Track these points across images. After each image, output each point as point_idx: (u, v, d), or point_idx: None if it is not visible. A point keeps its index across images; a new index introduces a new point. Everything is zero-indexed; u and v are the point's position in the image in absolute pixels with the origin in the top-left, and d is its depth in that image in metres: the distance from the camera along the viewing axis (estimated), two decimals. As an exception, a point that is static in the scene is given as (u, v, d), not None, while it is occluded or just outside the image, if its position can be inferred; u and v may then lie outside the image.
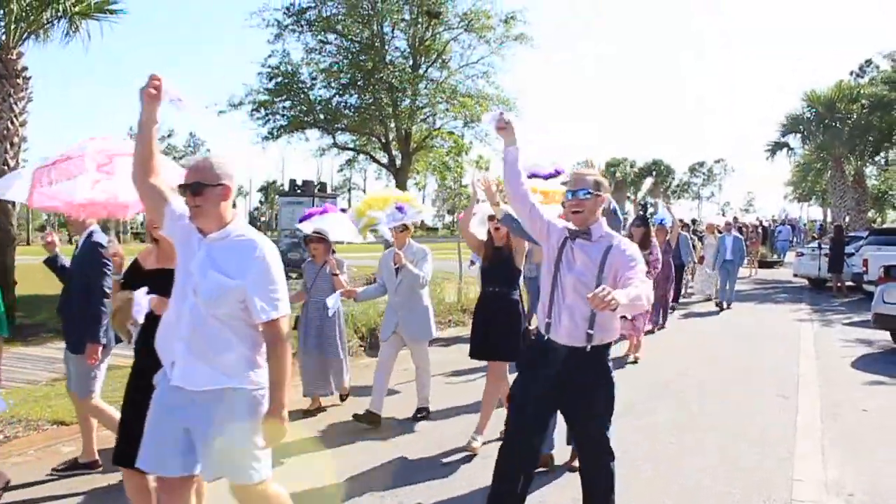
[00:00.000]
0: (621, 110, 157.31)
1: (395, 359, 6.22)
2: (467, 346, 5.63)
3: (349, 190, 74.96)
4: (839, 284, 17.63)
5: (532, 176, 5.52)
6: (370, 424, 5.89)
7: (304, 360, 6.40)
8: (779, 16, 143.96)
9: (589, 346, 3.35)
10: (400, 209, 5.98)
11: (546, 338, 3.45)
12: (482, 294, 5.58)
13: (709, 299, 15.72)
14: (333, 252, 6.43)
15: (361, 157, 23.39)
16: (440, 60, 19.74)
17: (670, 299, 12.05)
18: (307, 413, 6.40)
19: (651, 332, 10.89)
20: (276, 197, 26.35)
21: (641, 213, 8.62)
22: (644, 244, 8.22)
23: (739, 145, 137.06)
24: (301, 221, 6.40)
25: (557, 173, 5.58)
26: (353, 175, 68.60)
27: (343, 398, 6.80)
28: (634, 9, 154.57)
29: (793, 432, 5.95)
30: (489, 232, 5.41)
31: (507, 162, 3.51)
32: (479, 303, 5.62)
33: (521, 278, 5.61)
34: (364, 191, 71.14)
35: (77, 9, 11.98)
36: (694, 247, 14.91)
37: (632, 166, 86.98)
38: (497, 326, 5.32)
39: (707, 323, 12.83)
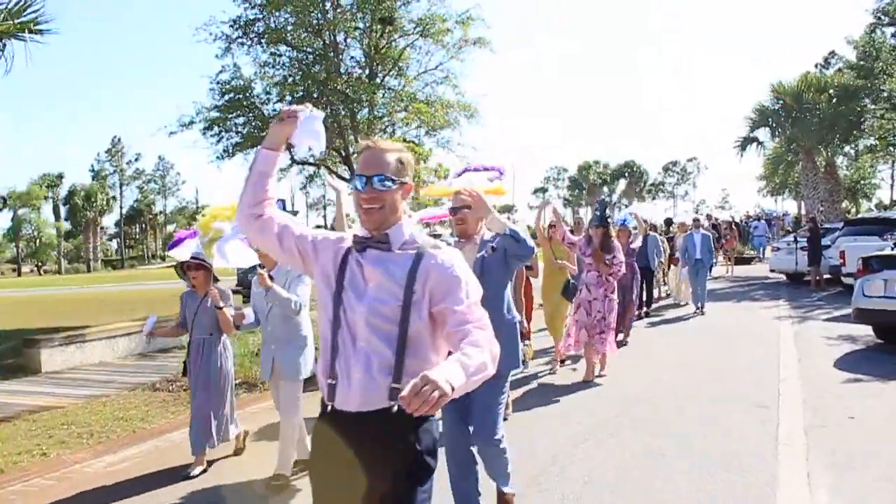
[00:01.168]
0: (585, 107, 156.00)
1: None
2: None
3: (324, 207, 73.95)
4: (817, 278, 17.21)
5: (464, 172, 4.81)
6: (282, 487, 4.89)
7: (192, 409, 5.51)
8: (742, 13, 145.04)
9: (395, 407, 2.11)
10: None
11: (329, 408, 2.25)
12: None
13: (678, 304, 14.82)
14: (216, 280, 5.46)
15: (324, 171, 22.73)
16: (397, 68, 19.18)
17: (635, 306, 11.12)
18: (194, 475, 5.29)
19: (621, 342, 10.14)
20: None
21: (599, 212, 7.84)
22: (605, 247, 7.53)
23: (712, 142, 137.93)
24: (171, 248, 5.48)
25: (494, 170, 4.77)
26: (326, 191, 67.82)
27: (238, 451, 5.77)
28: (595, 5, 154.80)
29: (774, 450, 5.33)
30: None
31: (255, 166, 2.36)
32: None
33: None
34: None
35: (1, 28, 11.23)
36: (664, 249, 14.16)
37: (605, 168, 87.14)
38: None
39: (680, 327, 12.19)
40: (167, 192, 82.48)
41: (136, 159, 78.25)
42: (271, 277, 4.82)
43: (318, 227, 6.07)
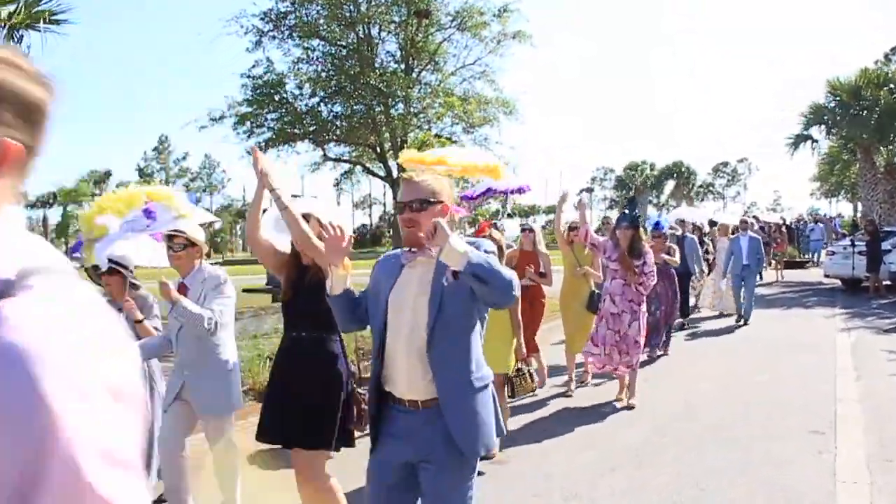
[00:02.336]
0: (603, 106, 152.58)
1: (185, 438, 4.01)
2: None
3: (369, 206, 73.85)
4: (877, 284, 16.11)
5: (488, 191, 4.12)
6: None
7: None
8: (757, 15, 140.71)
9: None
10: (148, 213, 4.04)
11: None
12: (283, 342, 3.73)
13: (721, 315, 13.23)
14: (136, 288, 4.49)
15: (359, 169, 22.41)
16: (433, 63, 18.71)
17: (675, 316, 9.96)
18: None
19: (657, 357, 9.34)
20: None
21: (628, 210, 7.01)
22: (634, 251, 6.68)
23: (726, 144, 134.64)
24: (75, 251, 4.75)
25: (520, 191, 4.05)
26: (371, 189, 67.64)
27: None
28: (612, 6, 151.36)
29: (832, 488, 4.59)
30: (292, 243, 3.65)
31: None
32: (278, 356, 3.73)
33: None
34: (384, 206, 68.76)
35: (17, 18, 11.02)
36: (707, 252, 12.98)
37: (651, 169, 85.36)
38: (300, 393, 3.46)
39: (722, 339, 11.16)
40: (213, 190, 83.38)
41: (184, 158, 79.30)
42: (184, 287, 3.94)
43: (364, 226, 5.18)
